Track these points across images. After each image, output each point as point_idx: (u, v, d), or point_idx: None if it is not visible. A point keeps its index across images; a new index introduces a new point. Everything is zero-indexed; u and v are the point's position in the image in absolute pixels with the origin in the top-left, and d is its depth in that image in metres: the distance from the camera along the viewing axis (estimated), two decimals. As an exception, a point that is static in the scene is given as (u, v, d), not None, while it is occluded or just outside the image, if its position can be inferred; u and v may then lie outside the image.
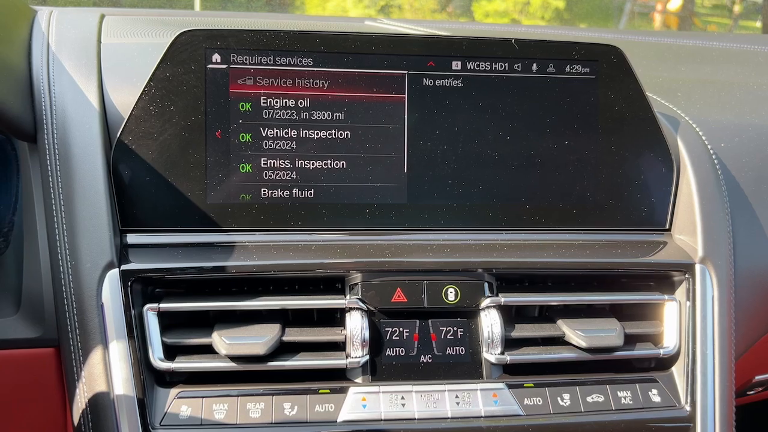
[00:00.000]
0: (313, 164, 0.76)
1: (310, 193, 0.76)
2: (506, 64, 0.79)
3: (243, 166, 0.75)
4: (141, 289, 0.71)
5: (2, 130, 0.78)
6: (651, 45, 1.34)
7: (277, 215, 0.76)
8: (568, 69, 0.80)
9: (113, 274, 0.69)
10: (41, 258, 0.74)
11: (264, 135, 0.75)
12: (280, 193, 0.76)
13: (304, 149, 0.76)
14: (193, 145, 0.74)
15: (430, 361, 0.74)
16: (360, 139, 0.77)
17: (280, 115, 0.76)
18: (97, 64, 0.80)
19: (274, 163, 0.76)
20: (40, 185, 0.75)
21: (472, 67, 0.78)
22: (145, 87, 0.74)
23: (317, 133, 0.76)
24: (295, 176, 0.76)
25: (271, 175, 0.76)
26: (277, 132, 0.76)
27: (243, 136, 0.75)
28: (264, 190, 0.76)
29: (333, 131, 0.76)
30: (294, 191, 0.76)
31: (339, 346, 0.73)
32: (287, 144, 0.76)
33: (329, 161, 0.76)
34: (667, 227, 0.83)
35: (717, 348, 0.77)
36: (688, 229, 0.81)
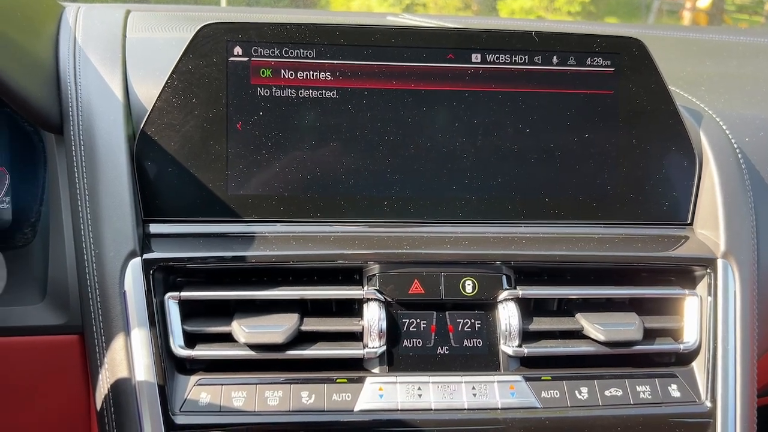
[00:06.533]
0: (332, 156, 0.77)
1: (330, 185, 0.77)
2: (526, 57, 0.79)
3: (263, 158, 0.76)
4: (162, 277, 0.73)
5: (30, 122, 0.80)
6: (675, 39, 1.32)
7: (297, 206, 0.77)
8: (589, 62, 0.79)
9: (136, 263, 0.71)
10: (66, 247, 0.76)
11: (284, 127, 0.76)
12: (299, 185, 0.77)
13: (323, 141, 0.77)
14: (214, 136, 0.75)
15: (446, 352, 0.74)
16: (379, 131, 0.77)
17: (300, 108, 0.76)
18: (121, 57, 0.82)
19: (293, 154, 0.76)
20: (66, 176, 0.76)
21: (492, 60, 0.78)
22: (168, 79, 0.75)
23: (337, 126, 0.77)
24: (314, 168, 0.77)
25: (290, 167, 0.76)
26: (296, 124, 0.76)
27: (263, 127, 0.76)
28: (283, 182, 0.76)
29: (352, 123, 0.77)
30: (313, 183, 0.77)
31: (356, 337, 0.73)
32: (307, 136, 0.76)
33: (348, 153, 0.77)
34: (688, 222, 0.82)
35: (739, 344, 0.75)
36: (711, 223, 0.80)
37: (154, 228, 0.75)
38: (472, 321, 0.75)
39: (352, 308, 0.76)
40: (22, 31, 0.78)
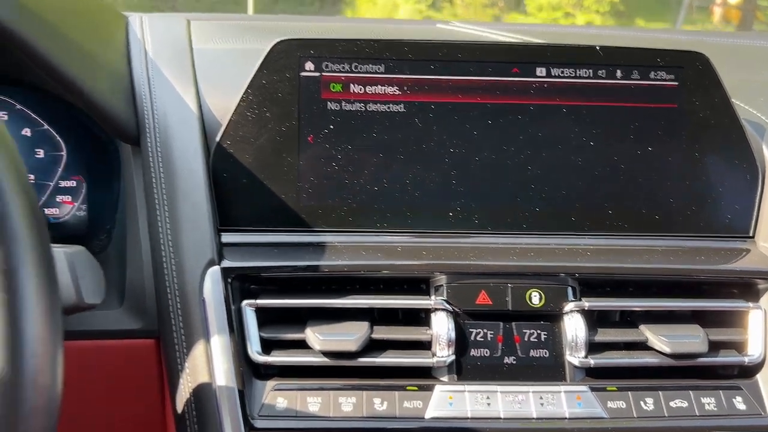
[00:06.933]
0: (399, 168, 0.79)
1: (396, 196, 0.79)
2: (590, 71, 0.80)
3: (333, 170, 0.78)
4: (239, 285, 0.75)
5: (107, 132, 0.83)
6: (728, 46, 1.32)
7: (365, 217, 0.79)
8: (652, 75, 0.80)
9: (214, 271, 0.73)
10: (143, 254, 0.79)
11: (353, 139, 0.78)
12: (367, 196, 0.79)
13: (391, 154, 0.78)
14: (287, 149, 0.78)
15: (513, 362, 0.76)
16: (445, 144, 0.79)
17: (368, 121, 0.78)
18: (191, 68, 0.84)
19: (362, 166, 0.78)
20: (142, 185, 0.79)
21: (556, 74, 0.80)
22: (243, 94, 0.77)
23: (404, 138, 0.78)
24: (382, 180, 0.79)
25: (359, 179, 0.78)
26: (365, 137, 0.78)
27: (333, 140, 0.78)
28: (352, 193, 0.78)
29: (419, 136, 0.79)
30: (381, 194, 0.79)
31: (424, 345, 0.75)
32: (375, 148, 0.78)
33: (415, 165, 0.79)
34: (751, 234, 0.82)
35: None
36: (774, 236, 0.81)
37: (229, 237, 0.77)
38: (539, 332, 0.76)
39: (418, 317, 0.77)
40: (95, 42, 0.81)
